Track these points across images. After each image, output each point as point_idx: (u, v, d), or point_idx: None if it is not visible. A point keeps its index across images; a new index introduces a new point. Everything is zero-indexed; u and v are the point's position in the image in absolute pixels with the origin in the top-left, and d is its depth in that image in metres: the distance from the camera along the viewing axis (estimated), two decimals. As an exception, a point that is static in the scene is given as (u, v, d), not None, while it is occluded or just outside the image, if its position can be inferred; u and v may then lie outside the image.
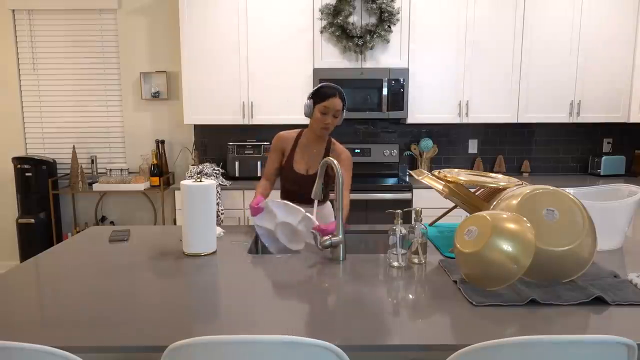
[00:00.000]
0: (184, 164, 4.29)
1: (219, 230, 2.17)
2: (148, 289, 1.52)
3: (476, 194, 2.10)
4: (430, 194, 3.62)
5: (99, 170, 4.24)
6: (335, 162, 1.84)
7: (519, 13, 3.78)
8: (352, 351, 1.11)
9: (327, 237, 1.81)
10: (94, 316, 1.31)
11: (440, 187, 2.03)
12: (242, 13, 3.74)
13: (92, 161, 4.20)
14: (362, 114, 3.78)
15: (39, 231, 4.00)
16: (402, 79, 3.73)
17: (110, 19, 4.09)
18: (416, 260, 1.77)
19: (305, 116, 2.36)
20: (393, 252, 1.74)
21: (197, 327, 1.25)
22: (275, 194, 2.80)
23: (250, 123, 3.86)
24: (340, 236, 1.82)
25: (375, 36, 3.68)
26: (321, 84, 2.29)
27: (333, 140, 2.41)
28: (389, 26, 3.71)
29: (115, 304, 1.40)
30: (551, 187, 1.63)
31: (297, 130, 2.40)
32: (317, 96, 2.25)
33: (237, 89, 3.82)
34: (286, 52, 3.78)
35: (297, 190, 2.35)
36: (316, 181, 1.96)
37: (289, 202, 2.08)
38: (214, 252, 1.91)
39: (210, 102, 3.83)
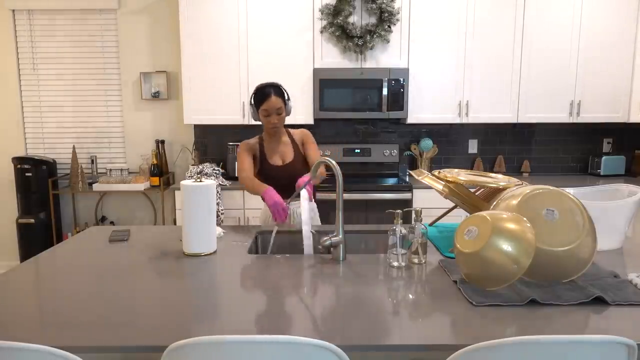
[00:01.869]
0: (184, 164, 4.29)
1: (219, 230, 2.17)
2: (148, 289, 1.52)
3: (476, 194, 2.10)
4: (430, 194, 3.61)
5: (99, 170, 4.24)
6: (334, 162, 1.84)
7: (519, 13, 3.78)
8: (352, 351, 1.11)
9: (326, 237, 1.81)
10: (94, 316, 1.31)
11: (440, 187, 2.03)
12: (242, 13, 3.74)
13: (92, 161, 4.20)
14: (362, 114, 3.77)
15: (39, 231, 4.00)
16: (402, 79, 3.73)
17: (110, 19, 4.09)
18: (416, 260, 1.77)
19: (255, 121, 2.42)
20: (393, 252, 1.74)
21: (197, 327, 1.25)
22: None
23: (250, 123, 3.86)
24: (340, 236, 1.82)
25: (375, 36, 3.68)
26: (257, 86, 2.34)
27: (288, 129, 2.51)
28: (389, 26, 3.71)
29: (115, 304, 1.40)
30: (551, 187, 1.63)
31: (257, 137, 2.49)
32: (255, 101, 2.33)
33: (237, 88, 3.82)
34: (286, 52, 3.78)
35: (277, 183, 2.40)
36: (309, 174, 2.03)
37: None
38: (214, 252, 1.91)
39: (210, 102, 3.83)
